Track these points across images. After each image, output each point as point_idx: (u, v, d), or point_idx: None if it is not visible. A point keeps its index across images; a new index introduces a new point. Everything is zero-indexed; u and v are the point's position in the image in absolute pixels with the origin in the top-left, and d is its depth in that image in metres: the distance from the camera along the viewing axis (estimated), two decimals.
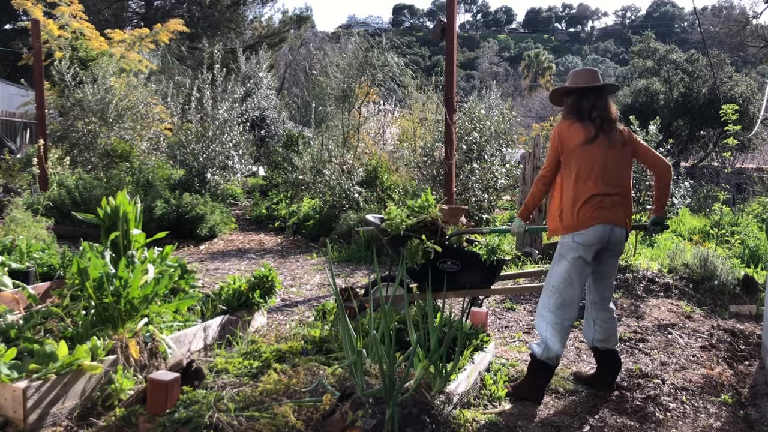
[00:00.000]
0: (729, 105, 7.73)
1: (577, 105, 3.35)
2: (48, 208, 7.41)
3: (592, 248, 3.17)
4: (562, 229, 3.24)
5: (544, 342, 3.18)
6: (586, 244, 3.16)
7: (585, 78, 3.41)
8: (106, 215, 3.89)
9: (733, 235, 8.11)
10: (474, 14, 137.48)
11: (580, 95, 3.37)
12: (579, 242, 3.17)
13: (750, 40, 27.98)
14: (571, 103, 3.38)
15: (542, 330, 3.20)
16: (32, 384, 2.56)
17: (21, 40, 19.97)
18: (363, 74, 10.66)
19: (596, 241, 3.17)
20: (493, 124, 8.89)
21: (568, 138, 3.26)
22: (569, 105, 3.40)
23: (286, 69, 28.62)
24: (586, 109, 3.32)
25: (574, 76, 3.46)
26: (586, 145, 3.22)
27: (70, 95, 10.00)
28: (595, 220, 3.16)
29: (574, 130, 3.27)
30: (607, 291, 3.40)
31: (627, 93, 19.67)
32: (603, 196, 3.19)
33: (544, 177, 3.41)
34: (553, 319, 3.18)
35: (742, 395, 3.43)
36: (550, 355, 3.16)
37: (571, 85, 3.40)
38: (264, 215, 9.76)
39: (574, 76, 3.46)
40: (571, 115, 3.35)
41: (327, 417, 2.26)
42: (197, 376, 2.71)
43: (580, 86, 3.36)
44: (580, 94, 3.37)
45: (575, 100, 3.37)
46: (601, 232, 3.16)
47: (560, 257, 3.24)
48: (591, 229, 3.15)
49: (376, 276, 3.12)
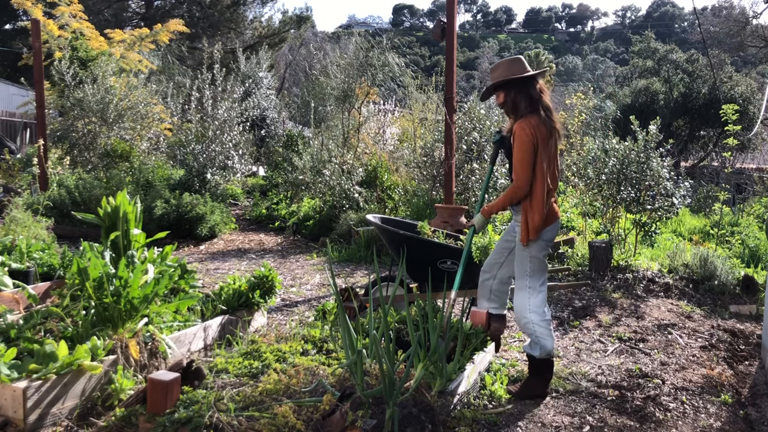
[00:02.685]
0: (729, 105, 7.72)
1: (530, 96, 3.17)
2: (48, 208, 7.41)
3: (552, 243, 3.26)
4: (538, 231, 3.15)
5: (537, 343, 3.20)
6: (551, 239, 3.23)
7: (521, 67, 3.22)
8: (106, 215, 3.89)
9: (733, 235, 8.11)
10: (474, 14, 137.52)
11: (527, 86, 3.19)
12: (547, 240, 3.22)
13: (750, 40, 27.97)
14: (525, 97, 3.17)
15: (533, 332, 3.20)
16: (32, 384, 2.56)
17: (21, 40, 19.98)
18: (363, 74, 10.67)
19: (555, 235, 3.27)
20: (493, 124, 8.89)
21: (541, 136, 3.10)
22: (523, 98, 3.17)
23: (286, 69, 28.62)
24: (536, 98, 3.18)
25: (508, 66, 3.24)
26: (550, 140, 3.15)
27: (70, 95, 10.00)
28: (554, 216, 3.25)
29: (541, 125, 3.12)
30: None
31: (627, 93, 19.67)
32: (554, 191, 3.25)
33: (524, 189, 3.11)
34: (537, 318, 3.19)
35: (742, 395, 3.43)
36: (547, 351, 3.19)
37: (520, 75, 3.19)
38: (264, 215, 9.76)
39: (509, 67, 3.23)
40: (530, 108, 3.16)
41: (327, 417, 2.26)
42: (197, 376, 2.71)
43: (530, 74, 3.19)
44: (526, 84, 3.19)
45: (528, 92, 3.18)
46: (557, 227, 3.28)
47: (531, 258, 3.20)
48: (553, 225, 3.23)
49: (376, 276, 3.12)
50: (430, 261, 3.92)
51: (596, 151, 6.88)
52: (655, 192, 6.51)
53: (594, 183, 6.84)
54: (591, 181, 6.87)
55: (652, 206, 6.51)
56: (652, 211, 6.55)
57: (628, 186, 6.51)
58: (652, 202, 6.52)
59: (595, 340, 4.32)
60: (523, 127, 3.09)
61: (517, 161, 3.11)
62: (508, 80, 3.20)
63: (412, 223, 4.55)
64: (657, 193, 6.51)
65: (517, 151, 3.11)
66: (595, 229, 8.01)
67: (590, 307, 5.08)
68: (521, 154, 3.09)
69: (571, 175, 7.24)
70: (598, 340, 4.31)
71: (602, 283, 5.71)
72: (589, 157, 6.91)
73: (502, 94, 3.25)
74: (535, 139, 3.08)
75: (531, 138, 3.07)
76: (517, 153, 3.11)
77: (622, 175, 6.55)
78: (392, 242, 4.12)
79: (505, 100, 3.25)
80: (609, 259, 5.99)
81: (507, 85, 3.21)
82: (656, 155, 6.54)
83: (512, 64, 3.24)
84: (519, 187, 3.13)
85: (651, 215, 6.63)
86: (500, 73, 3.23)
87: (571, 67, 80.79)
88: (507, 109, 3.29)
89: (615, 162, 6.60)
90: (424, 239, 4.06)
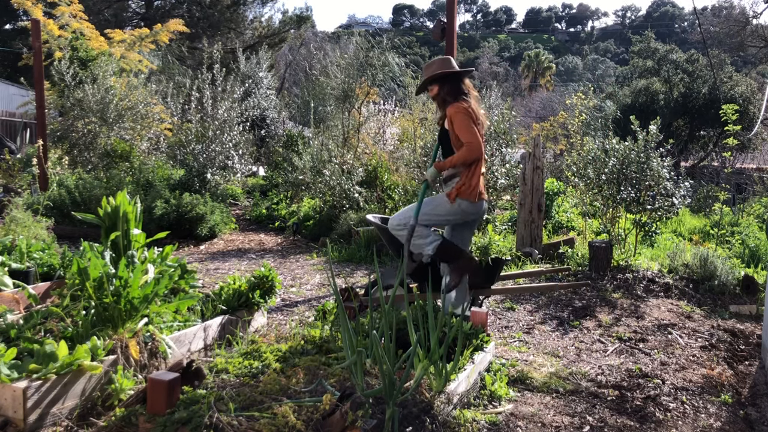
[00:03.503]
0: (729, 105, 7.73)
1: (460, 89, 3.71)
2: (48, 208, 7.41)
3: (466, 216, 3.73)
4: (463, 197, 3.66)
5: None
6: (468, 212, 3.70)
7: (452, 65, 3.77)
8: (106, 215, 3.89)
9: (734, 235, 8.11)
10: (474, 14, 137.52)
11: (458, 80, 3.72)
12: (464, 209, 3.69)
13: (750, 40, 27.98)
14: (456, 89, 3.69)
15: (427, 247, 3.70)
16: (32, 384, 2.56)
17: (21, 40, 19.99)
18: (363, 74, 10.67)
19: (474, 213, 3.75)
20: (493, 124, 8.89)
21: (475, 113, 3.62)
22: (454, 90, 3.69)
23: (286, 69, 28.63)
24: (465, 91, 3.72)
25: (442, 63, 3.76)
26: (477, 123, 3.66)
27: (70, 95, 10.00)
28: (480, 195, 3.72)
29: (474, 107, 3.66)
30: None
31: (627, 93, 19.67)
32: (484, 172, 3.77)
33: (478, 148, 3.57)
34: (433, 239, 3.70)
35: (742, 395, 3.43)
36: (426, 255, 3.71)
37: (452, 69, 3.72)
38: (264, 215, 9.76)
39: (442, 65, 3.75)
40: (460, 95, 3.68)
41: (327, 417, 2.25)
42: (197, 376, 2.71)
43: (460, 70, 3.73)
44: (457, 79, 3.72)
45: (458, 86, 3.71)
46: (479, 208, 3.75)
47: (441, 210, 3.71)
48: (477, 203, 3.69)
49: (376, 276, 3.13)
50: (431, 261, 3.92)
51: (596, 151, 6.88)
52: (655, 192, 6.51)
53: (594, 183, 6.84)
54: (591, 181, 6.87)
55: (652, 206, 6.51)
56: (652, 211, 6.55)
57: (628, 186, 6.51)
58: (652, 202, 6.52)
59: (595, 340, 4.32)
60: (457, 106, 3.59)
61: (463, 130, 3.56)
62: (443, 74, 3.70)
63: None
64: (657, 193, 6.51)
65: (460, 124, 3.56)
66: (595, 229, 8.02)
67: (590, 307, 5.08)
68: (464, 123, 3.56)
69: (571, 175, 7.23)
70: (598, 340, 4.31)
71: (602, 283, 5.71)
72: (589, 157, 6.92)
73: (437, 87, 3.75)
74: (469, 115, 3.58)
75: (467, 110, 3.58)
76: (460, 125, 3.56)
77: (622, 175, 6.55)
78: (392, 242, 4.12)
79: (438, 92, 3.74)
80: (609, 259, 5.99)
81: (442, 79, 3.72)
82: (656, 155, 6.54)
83: (444, 63, 3.77)
84: (473, 148, 3.56)
85: (651, 215, 6.63)
86: (435, 69, 3.74)
87: (571, 67, 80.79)
88: (439, 101, 3.77)
89: (615, 162, 6.60)
90: None
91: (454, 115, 3.57)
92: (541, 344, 4.21)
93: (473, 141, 3.53)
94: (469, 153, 3.56)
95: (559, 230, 8.81)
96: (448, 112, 3.63)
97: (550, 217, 9.09)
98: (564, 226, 8.94)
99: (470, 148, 3.55)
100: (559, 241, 7.14)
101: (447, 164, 3.68)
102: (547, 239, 7.83)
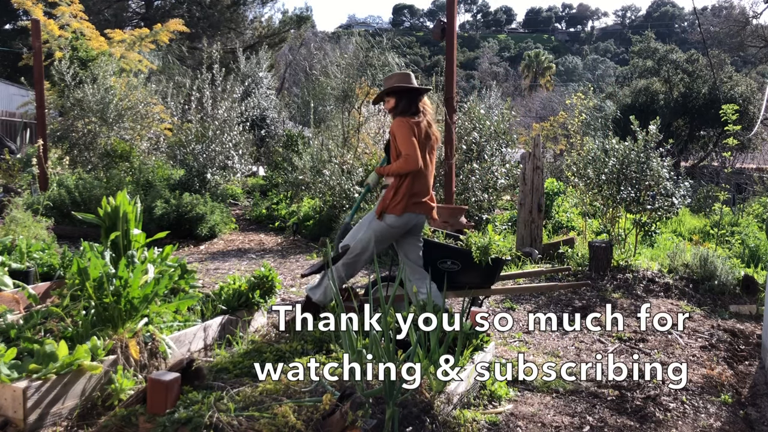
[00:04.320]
0: (729, 105, 7.73)
1: (415, 104, 3.82)
2: (48, 208, 7.40)
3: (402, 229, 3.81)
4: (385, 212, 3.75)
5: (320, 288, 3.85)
6: (397, 227, 3.78)
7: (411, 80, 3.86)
8: (106, 215, 3.89)
9: (733, 235, 8.12)
10: (474, 14, 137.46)
11: (414, 96, 3.83)
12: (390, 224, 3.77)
13: (750, 40, 27.98)
14: (411, 104, 3.81)
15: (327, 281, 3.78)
16: (32, 384, 2.56)
17: (21, 40, 19.98)
18: (363, 74, 10.65)
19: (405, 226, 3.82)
20: (492, 124, 8.89)
21: (417, 130, 3.72)
22: (409, 104, 3.80)
23: (286, 69, 28.62)
24: (419, 108, 3.83)
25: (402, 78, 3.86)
26: (426, 141, 3.79)
27: (70, 95, 10.00)
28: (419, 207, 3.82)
29: (420, 123, 3.76)
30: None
31: (627, 93, 19.66)
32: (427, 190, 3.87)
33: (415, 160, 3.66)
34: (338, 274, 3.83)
35: (742, 395, 3.43)
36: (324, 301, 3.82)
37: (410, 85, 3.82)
38: (264, 215, 9.76)
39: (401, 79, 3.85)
40: (412, 111, 3.79)
41: (327, 417, 2.25)
42: (197, 376, 2.71)
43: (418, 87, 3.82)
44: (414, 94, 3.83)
45: (414, 101, 3.83)
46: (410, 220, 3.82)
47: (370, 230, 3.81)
48: (407, 215, 3.77)
49: (376, 276, 3.13)
50: (430, 261, 3.93)
51: (596, 151, 6.88)
52: (655, 192, 6.51)
53: (594, 183, 6.84)
54: (591, 181, 6.87)
55: (652, 206, 6.50)
56: (652, 211, 6.55)
57: (628, 186, 6.51)
58: (652, 202, 6.52)
59: (595, 340, 4.32)
60: (400, 120, 3.72)
61: (403, 143, 3.69)
62: (400, 88, 3.81)
63: None
64: (657, 193, 6.51)
65: (401, 136, 3.69)
66: (595, 229, 8.02)
67: (590, 307, 5.09)
68: (405, 136, 3.68)
69: (571, 175, 7.24)
70: (598, 340, 4.31)
71: (602, 283, 5.71)
72: (589, 157, 6.91)
73: (393, 99, 3.86)
74: (412, 129, 3.69)
75: (409, 127, 3.69)
76: (401, 137, 3.69)
77: (622, 175, 6.55)
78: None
79: (394, 105, 3.85)
80: (609, 259, 5.99)
81: (399, 93, 3.84)
82: (656, 155, 6.54)
83: (404, 77, 3.87)
84: (410, 160, 3.67)
85: (651, 215, 6.63)
86: (394, 82, 3.85)
87: (571, 67, 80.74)
88: (395, 113, 3.85)
89: (615, 162, 6.60)
90: (424, 239, 4.06)
91: (397, 128, 3.72)
92: (541, 344, 4.22)
93: (411, 154, 3.67)
94: (405, 164, 3.69)
95: (559, 230, 8.81)
96: (392, 125, 3.79)
97: (550, 217, 9.09)
98: (564, 226, 8.94)
99: (407, 159, 3.69)
100: (559, 241, 7.14)
101: (385, 171, 3.84)
102: (547, 239, 7.83)
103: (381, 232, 3.79)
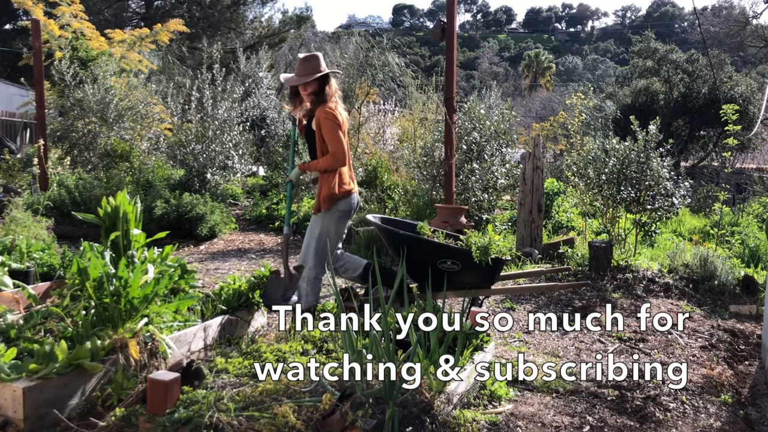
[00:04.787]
0: (729, 105, 7.72)
1: (332, 87, 3.78)
2: (48, 208, 7.40)
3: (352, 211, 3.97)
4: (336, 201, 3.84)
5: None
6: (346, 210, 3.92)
7: (326, 63, 3.81)
8: (106, 215, 3.89)
9: (733, 235, 8.12)
10: (474, 14, 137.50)
11: (331, 79, 3.80)
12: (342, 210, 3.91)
13: (750, 40, 27.97)
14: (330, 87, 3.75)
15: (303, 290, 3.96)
16: (32, 384, 2.56)
17: (21, 40, 19.99)
18: (363, 74, 10.65)
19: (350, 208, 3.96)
20: (493, 124, 8.88)
21: (342, 119, 3.75)
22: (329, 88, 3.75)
23: (286, 69, 28.59)
24: (335, 90, 3.82)
25: (322, 61, 3.78)
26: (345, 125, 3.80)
27: (70, 95, 9.99)
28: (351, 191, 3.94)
29: (341, 111, 3.77)
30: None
31: (627, 93, 19.66)
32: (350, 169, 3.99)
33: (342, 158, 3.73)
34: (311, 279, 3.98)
35: (742, 395, 3.43)
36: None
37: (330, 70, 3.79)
38: (264, 215, 9.76)
39: (322, 62, 3.77)
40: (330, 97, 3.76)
41: (327, 417, 2.26)
42: (197, 376, 2.71)
43: (330, 70, 3.80)
44: (330, 78, 3.79)
45: (332, 84, 3.78)
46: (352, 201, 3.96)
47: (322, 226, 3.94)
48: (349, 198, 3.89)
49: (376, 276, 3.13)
50: (430, 261, 3.93)
51: (596, 151, 6.88)
52: (655, 192, 6.51)
53: (594, 183, 6.84)
54: (591, 181, 6.87)
55: (652, 206, 6.51)
56: (652, 211, 6.55)
57: (628, 186, 6.51)
58: (652, 202, 6.52)
59: (595, 340, 4.32)
60: (327, 112, 3.69)
61: (330, 138, 3.69)
62: (326, 73, 3.77)
63: (412, 223, 4.55)
64: (657, 193, 6.51)
65: (328, 131, 3.69)
66: (595, 229, 8.02)
67: (590, 307, 5.09)
68: (332, 132, 3.68)
69: (571, 175, 7.24)
70: (598, 340, 4.31)
71: (602, 283, 5.71)
72: (589, 157, 6.92)
73: (316, 83, 3.77)
74: (337, 122, 3.71)
75: (334, 120, 3.69)
76: (328, 132, 3.69)
77: (622, 175, 6.55)
78: (392, 242, 4.12)
79: (319, 90, 3.78)
80: (609, 259, 5.99)
81: (324, 78, 3.78)
82: (656, 155, 6.54)
83: (323, 60, 3.81)
84: (339, 158, 3.72)
85: (651, 215, 6.63)
86: (317, 65, 3.75)
87: (571, 67, 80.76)
88: (316, 98, 3.79)
89: (615, 162, 6.60)
90: (424, 239, 4.06)
91: (324, 120, 3.70)
92: (541, 344, 4.22)
93: (339, 151, 3.72)
94: (334, 161, 3.74)
95: (559, 230, 8.81)
96: (317, 114, 3.74)
97: (550, 217, 9.09)
98: (564, 226, 8.93)
99: (336, 157, 3.74)
100: (559, 241, 7.14)
101: (311, 167, 3.87)
102: (547, 239, 7.83)
103: (336, 222, 3.89)
